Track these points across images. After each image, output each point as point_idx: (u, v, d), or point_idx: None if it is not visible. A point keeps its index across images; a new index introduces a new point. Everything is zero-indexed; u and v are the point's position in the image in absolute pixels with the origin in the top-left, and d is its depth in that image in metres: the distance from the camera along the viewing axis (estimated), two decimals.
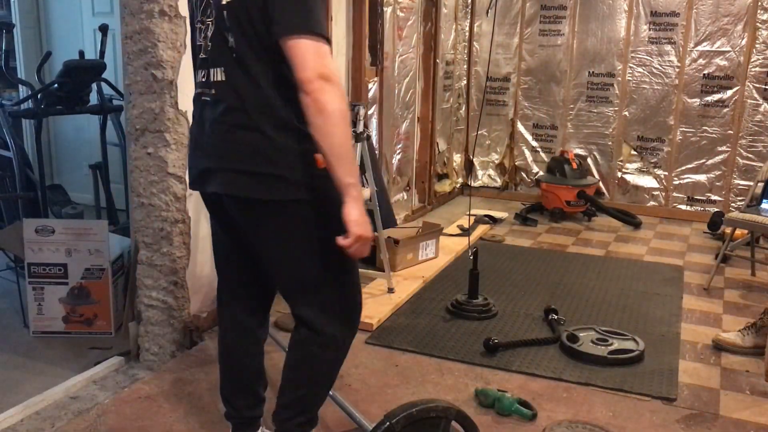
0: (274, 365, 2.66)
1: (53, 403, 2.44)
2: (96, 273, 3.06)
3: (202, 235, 2.92)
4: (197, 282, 2.91)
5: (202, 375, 2.63)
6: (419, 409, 1.69)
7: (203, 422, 2.31)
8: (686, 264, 4.19)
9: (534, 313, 3.29)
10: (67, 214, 4.26)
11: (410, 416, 1.67)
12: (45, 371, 2.75)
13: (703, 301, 3.57)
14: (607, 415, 2.40)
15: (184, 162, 2.74)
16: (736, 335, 2.95)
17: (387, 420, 1.65)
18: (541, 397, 2.51)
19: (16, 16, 4.91)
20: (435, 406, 1.72)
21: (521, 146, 5.82)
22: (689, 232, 4.96)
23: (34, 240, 3.01)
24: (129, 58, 2.64)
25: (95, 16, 4.86)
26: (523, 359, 2.79)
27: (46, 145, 5.02)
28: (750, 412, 2.46)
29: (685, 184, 5.29)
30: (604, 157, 5.53)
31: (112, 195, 4.40)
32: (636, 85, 5.33)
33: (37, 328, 3.08)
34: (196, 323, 2.85)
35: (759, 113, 4.98)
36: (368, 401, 2.46)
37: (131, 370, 2.74)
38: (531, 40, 5.62)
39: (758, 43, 4.92)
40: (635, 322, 3.23)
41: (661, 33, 5.19)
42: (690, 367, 2.79)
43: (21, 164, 3.88)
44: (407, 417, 1.66)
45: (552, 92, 5.63)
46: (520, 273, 3.93)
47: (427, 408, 1.70)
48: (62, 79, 3.75)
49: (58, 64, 3.96)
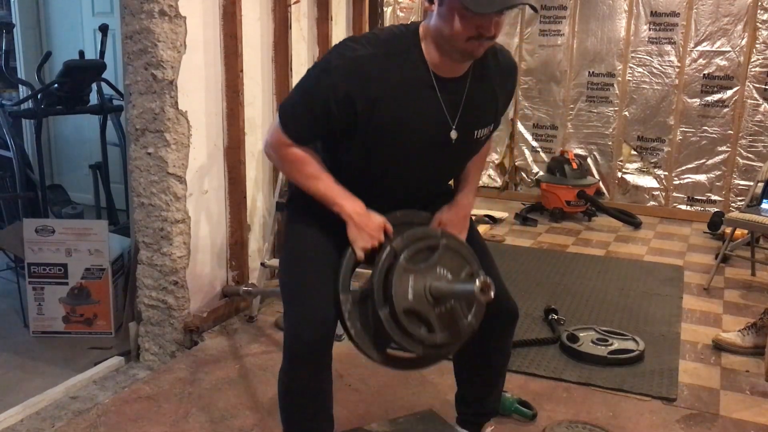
0: (271, 366, 2.66)
1: (53, 403, 2.45)
2: (96, 273, 3.06)
3: (202, 235, 2.92)
4: (197, 282, 2.91)
5: (202, 375, 2.63)
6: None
7: (203, 422, 2.31)
8: (686, 264, 4.19)
9: (534, 313, 3.29)
10: (67, 214, 4.26)
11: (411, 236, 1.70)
12: (45, 371, 2.75)
13: (703, 301, 3.57)
14: (607, 415, 2.40)
15: (184, 162, 2.74)
16: (736, 335, 2.95)
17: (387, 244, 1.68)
18: (541, 397, 2.50)
19: (16, 16, 4.91)
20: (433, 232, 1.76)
21: (521, 146, 5.82)
22: (689, 232, 4.96)
23: (34, 240, 3.01)
24: (129, 58, 2.64)
25: (95, 16, 4.86)
26: (523, 359, 2.79)
27: (46, 145, 5.01)
28: (750, 412, 2.45)
29: (685, 184, 5.29)
30: (604, 157, 5.53)
31: (112, 195, 4.41)
32: (636, 85, 5.32)
33: (37, 328, 3.08)
34: (196, 323, 2.85)
35: (759, 113, 4.98)
36: (368, 401, 2.46)
37: (131, 370, 2.74)
38: (531, 40, 5.62)
39: (758, 43, 4.91)
40: (635, 322, 3.23)
41: (661, 33, 5.18)
42: (690, 367, 2.79)
43: (21, 164, 3.89)
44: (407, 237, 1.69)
45: (552, 92, 5.63)
46: (520, 273, 3.93)
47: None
48: (62, 79, 3.75)
49: (58, 64, 3.96)
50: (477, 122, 1.71)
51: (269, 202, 3.37)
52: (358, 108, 1.59)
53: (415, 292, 1.63)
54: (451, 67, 1.63)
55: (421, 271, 1.65)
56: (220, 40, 2.92)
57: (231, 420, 2.32)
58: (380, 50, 1.60)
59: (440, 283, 1.65)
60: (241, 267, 3.17)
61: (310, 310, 1.67)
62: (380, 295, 1.63)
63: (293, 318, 1.71)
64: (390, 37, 1.64)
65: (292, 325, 1.70)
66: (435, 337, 1.66)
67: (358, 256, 1.70)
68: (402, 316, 1.60)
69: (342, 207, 1.69)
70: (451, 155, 1.74)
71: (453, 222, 1.81)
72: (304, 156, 1.70)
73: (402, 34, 1.64)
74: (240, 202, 3.10)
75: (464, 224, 1.84)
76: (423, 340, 1.64)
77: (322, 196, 1.70)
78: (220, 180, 3.03)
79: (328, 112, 1.60)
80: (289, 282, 1.78)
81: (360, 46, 1.60)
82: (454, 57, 1.59)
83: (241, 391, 2.51)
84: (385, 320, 1.61)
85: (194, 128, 2.78)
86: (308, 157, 1.70)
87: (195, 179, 2.83)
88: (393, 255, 1.66)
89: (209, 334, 2.94)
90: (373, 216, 1.71)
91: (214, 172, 2.97)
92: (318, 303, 1.68)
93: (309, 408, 1.76)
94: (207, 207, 2.94)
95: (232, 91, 2.98)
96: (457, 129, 1.67)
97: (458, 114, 1.67)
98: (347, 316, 1.67)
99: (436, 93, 1.63)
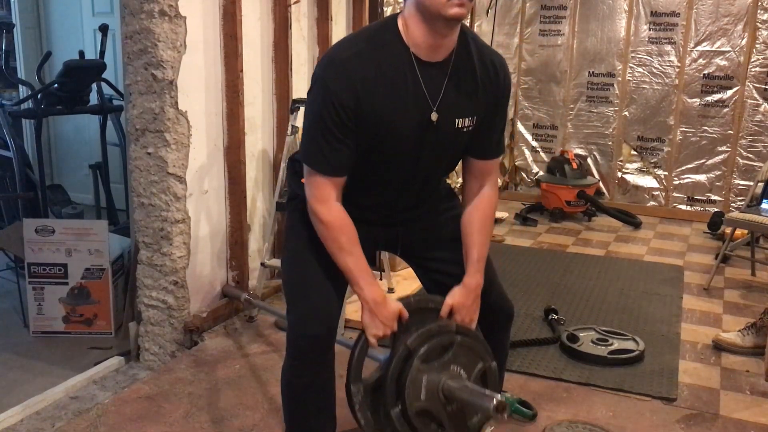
0: (271, 366, 2.66)
1: (53, 403, 2.44)
2: (96, 273, 3.06)
3: (202, 235, 2.92)
4: (197, 282, 2.91)
5: (202, 375, 2.63)
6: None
7: (203, 422, 2.31)
8: (686, 264, 4.19)
9: (534, 313, 3.29)
10: (67, 214, 4.26)
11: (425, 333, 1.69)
12: (45, 371, 2.75)
13: (703, 301, 3.57)
14: (607, 415, 2.40)
15: (184, 162, 2.74)
16: (736, 335, 2.95)
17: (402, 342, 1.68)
18: (541, 397, 2.50)
19: (16, 16, 4.91)
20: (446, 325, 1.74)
21: (521, 146, 5.82)
22: (689, 232, 4.96)
23: (34, 240, 3.01)
24: (129, 58, 2.64)
25: (95, 16, 4.86)
26: (523, 359, 2.79)
27: (46, 145, 5.01)
28: (750, 412, 2.46)
29: (685, 184, 5.29)
30: (604, 157, 5.53)
31: (112, 195, 4.41)
32: (636, 85, 5.32)
33: (37, 328, 3.08)
34: (196, 323, 2.85)
35: (759, 113, 4.98)
36: None
37: (131, 370, 2.74)
38: (531, 40, 5.62)
39: (758, 43, 4.91)
40: (635, 322, 3.23)
41: (661, 33, 5.19)
42: (690, 367, 2.79)
43: (21, 164, 3.89)
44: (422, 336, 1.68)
45: (552, 92, 5.63)
46: (520, 273, 3.93)
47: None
48: (62, 79, 3.75)
49: (58, 64, 3.96)
50: (457, 109, 1.70)
51: (269, 202, 3.37)
52: (360, 106, 1.60)
53: (428, 391, 1.63)
54: (434, 46, 1.64)
55: (435, 369, 1.65)
56: (220, 40, 2.92)
57: (231, 420, 2.32)
58: (363, 46, 1.62)
59: (454, 383, 1.64)
60: (241, 267, 3.17)
61: (313, 305, 1.69)
62: (392, 393, 1.63)
63: (296, 314, 1.72)
64: (372, 31, 1.68)
65: (296, 321, 1.71)
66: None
67: (370, 343, 1.70)
68: (414, 417, 1.62)
69: (362, 291, 1.69)
70: (436, 143, 1.72)
71: (464, 306, 1.78)
72: (343, 224, 1.69)
73: (382, 25, 1.67)
74: (240, 202, 3.10)
75: (476, 307, 1.80)
76: None
77: (348, 272, 1.70)
78: (220, 180, 3.03)
79: (343, 123, 1.60)
80: (291, 279, 1.79)
81: (343, 50, 1.63)
82: (439, 26, 1.60)
83: (241, 391, 2.51)
84: (396, 419, 1.62)
85: (194, 128, 2.78)
86: (346, 225, 1.69)
87: (195, 179, 2.83)
88: (407, 353, 1.65)
89: (209, 334, 2.94)
90: (389, 304, 1.70)
91: (214, 172, 2.97)
92: (320, 299, 1.70)
93: (312, 405, 1.77)
94: (207, 207, 2.94)
95: (232, 91, 2.98)
96: (437, 111, 1.67)
97: (440, 96, 1.67)
98: (358, 407, 1.68)
99: (417, 75, 1.64)
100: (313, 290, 1.71)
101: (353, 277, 1.69)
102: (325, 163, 1.65)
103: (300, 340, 1.69)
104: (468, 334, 1.74)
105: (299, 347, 1.70)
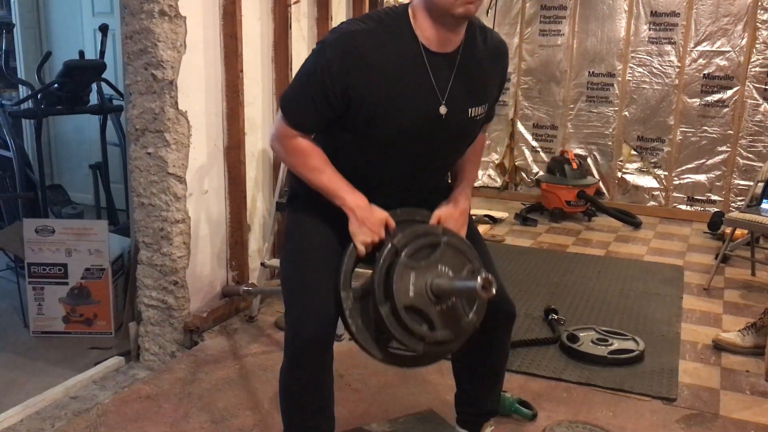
0: (271, 366, 2.66)
1: (53, 403, 2.45)
2: (96, 273, 3.06)
3: (202, 235, 2.92)
4: (197, 282, 2.91)
5: (202, 375, 2.63)
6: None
7: (203, 422, 2.31)
8: (686, 264, 4.19)
9: (534, 313, 3.29)
10: (67, 214, 4.26)
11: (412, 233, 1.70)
12: (45, 371, 2.75)
13: (703, 301, 3.57)
14: (607, 415, 2.40)
15: (184, 162, 2.74)
16: (736, 335, 2.95)
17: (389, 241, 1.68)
18: (541, 397, 2.51)
19: (16, 16, 4.91)
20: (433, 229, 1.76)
21: (521, 146, 5.81)
22: (689, 232, 4.96)
23: (34, 240, 3.01)
24: (129, 58, 2.65)
25: (95, 16, 4.86)
26: (523, 359, 2.79)
27: (46, 145, 5.01)
28: (750, 412, 2.45)
29: (685, 184, 5.29)
30: (604, 157, 5.53)
31: (112, 195, 4.41)
32: (636, 85, 5.32)
33: (37, 328, 3.08)
34: (196, 323, 2.85)
35: (759, 113, 4.98)
36: (368, 401, 2.46)
37: (131, 370, 2.74)
38: (531, 40, 5.62)
39: (758, 43, 4.91)
40: (635, 322, 3.23)
41: (661, 33, 5.18)
42: (690, 367, 2.79)
43: (21, 164, 3.89)
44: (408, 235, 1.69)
45: (552, 92, 5.63)
46: (520, 273, 3.93)
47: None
48: (62, 79, 3.76)
49: (58, 64, 3.96)
50: (469, 99, 1.71)
51: (269, 202, 3.37)
52: (351, 83, 1.60)
53: (417, 289, 1.63)
54: (443, 39, 1.64)
55: (423, 268, 1.65)
56: (220, 40, 2.92)
57: (231, 420, 2.32)
58: (374, 25, 1.62)
59: (441, 280, 1.64)
60: (241, 267, 3.17)
61: (311, 307, 1.68)
62: (381, 291, 1.62)
63: (294, 315, 1.72)
64: (383, 14, 1.67)
65: (294, 322, 1.71)
66: (436, 335, 1.65)
67: (359, 251, 1.70)
68: (403, 313, 1.60)
69: (344, 200, 1.69)
70: (445, 135, 1.73)
71: (452, 218, 1.81)
72: (309, 148, 1.71)
73: (394, 12, 1.67)
74: (240, 202, 3.10)
75: (463, 220, 1.84)
76: (424, 337, 1.64)
77: (325, 189, 1.71)
78: (220, 180, 3.03)
79: (325, 91, 1.61)
80: (290, 280, 1.78)
81: (355, 23, 1.64)
82: (448, 22, 1.60)
83: (241, 391, 2.51)
84: (386, 317, 1.61)
85: (194, 128, 2.78)
86: (312, 149, 1.71)
87: (195, 179, 2.83)
88: (394, 252, 1.65)
89: (209, 334, 2.94)
90: (375, 210, 1.71)
91: (214, 172, 2.97)
92: (319, 300, 1.69)
93: (310, 406, 1.77)
94: (207, 207, 2.94)
95: (232, 91, 2.98)
96: (447, 104, 1.67)
97: (448, 89, 1.67)
98: (348, 313, 1.66)
99: (426, 67, 1.64)
100: (310, 292, 1.70)
101: (331, 190, 1.70)
102: (292, 114, 1.69)
103: (297, 341, 1.69)
104: (455, 236, 1.75)
105: (297, 348, 1.69)
